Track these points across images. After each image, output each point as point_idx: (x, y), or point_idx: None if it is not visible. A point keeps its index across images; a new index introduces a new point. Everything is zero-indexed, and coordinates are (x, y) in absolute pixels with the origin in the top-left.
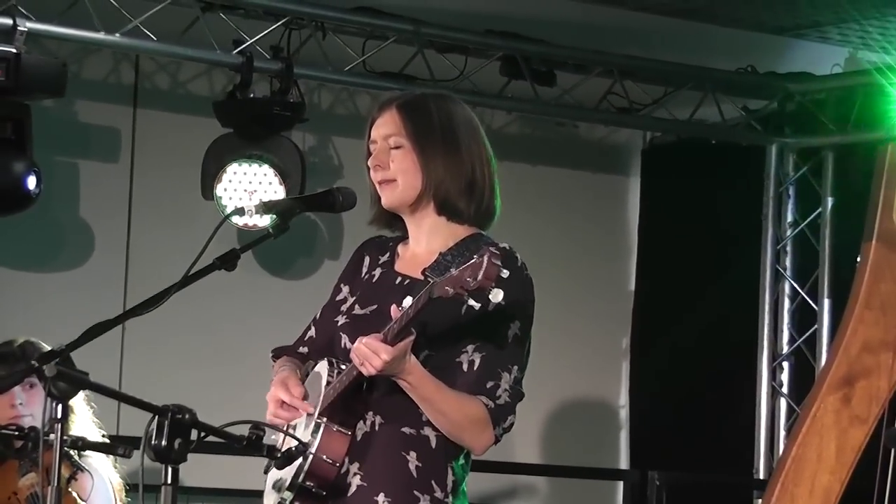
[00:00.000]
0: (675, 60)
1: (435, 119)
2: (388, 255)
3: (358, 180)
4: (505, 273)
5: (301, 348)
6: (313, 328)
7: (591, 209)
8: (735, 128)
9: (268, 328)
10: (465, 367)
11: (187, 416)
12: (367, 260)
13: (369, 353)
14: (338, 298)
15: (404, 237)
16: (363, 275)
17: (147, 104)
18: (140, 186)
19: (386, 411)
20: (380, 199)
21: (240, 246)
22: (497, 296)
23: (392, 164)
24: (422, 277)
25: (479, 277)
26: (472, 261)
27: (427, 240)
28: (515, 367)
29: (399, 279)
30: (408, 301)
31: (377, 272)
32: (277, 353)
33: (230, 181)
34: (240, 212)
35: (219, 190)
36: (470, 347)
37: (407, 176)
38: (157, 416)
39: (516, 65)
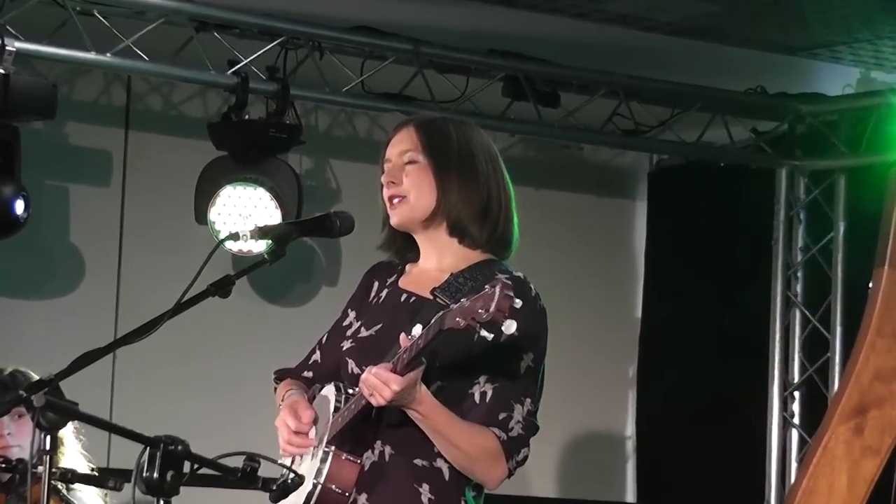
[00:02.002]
0: (682, 81)
1: (453, 139)
2: (395, 275)
3: (356, 204)
4: (518, 303)
5: (306, 372)
6: (318, 352)
7: (595, 234)
8: (744, 150)
9: (264, 356)
10: (476, 398)
11: (180, 448)
12: (375, 285)
13: (378, 384)
14: (344, 324)
15: (415, 260)
16: (371, 299)
17: (139, 126)
18: (132, 211)
19: (396, 441)
20: (390, 220)
21: (234, 272)
22: (510, 327)
23: (405, 180)
24: (430, 297)
25: (492, 309)
26: (484, 291)
27: (438, 257)
28: (528, 400)
29: (404, 296)
30: (417, 329)
31: (384, 293)
32: (280, 376)
33: (224, 205)
34: (234, 237)
35: (212, 214)
36: (482, 379)
37: (420, 192)
38: (148, 448)
39: (519, 85)
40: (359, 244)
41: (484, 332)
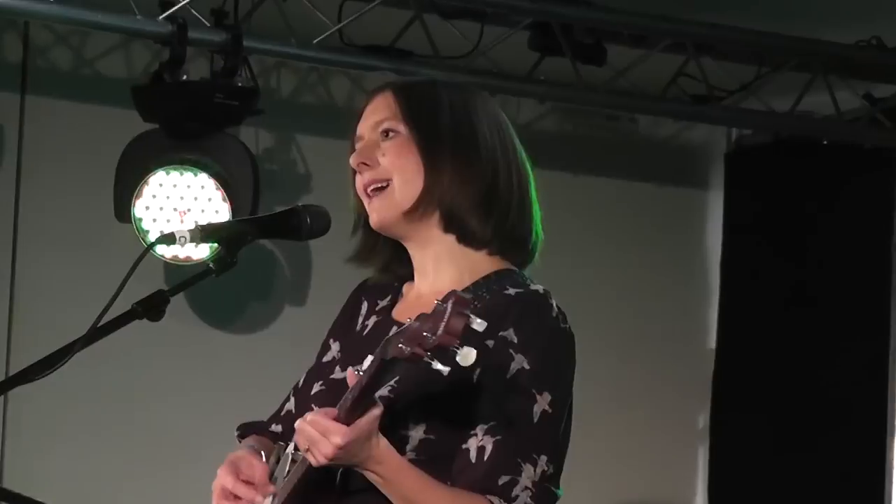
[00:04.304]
0: (770, 30)
1: (444, 103)
2: (389, 297)
3: (331, 194)
4: (478, 324)
5: (275, 426)
6: (293, 400)
7: (654, 234)
8: (854, 123)
9: (207, 399)
10: (472, 455)
11: None
12: (364, 307)
13: (316, 437)
14: (325, 360)
15: (411, 277)
16: (358, 327)
17: (40, 90)
18: (30, 202)
19: None
20: (366, 220)
21: (168, 287)
22: (468, 357)
23: (382, 159)
24: None
25: (440, 332)
26: (435, 307)
27: (434, 270)
28: (544, 458)
29: (394, 329)
30: (368, 360)
31: (371, 321)
32: (244, 432)
33: (155, 196)
34: (168, 239)
35: (139, 208)
36: (480, 429)
37: (405, 174)
38: None
39: (552, 36)
40: (334, 249)
41: (437, 364)
